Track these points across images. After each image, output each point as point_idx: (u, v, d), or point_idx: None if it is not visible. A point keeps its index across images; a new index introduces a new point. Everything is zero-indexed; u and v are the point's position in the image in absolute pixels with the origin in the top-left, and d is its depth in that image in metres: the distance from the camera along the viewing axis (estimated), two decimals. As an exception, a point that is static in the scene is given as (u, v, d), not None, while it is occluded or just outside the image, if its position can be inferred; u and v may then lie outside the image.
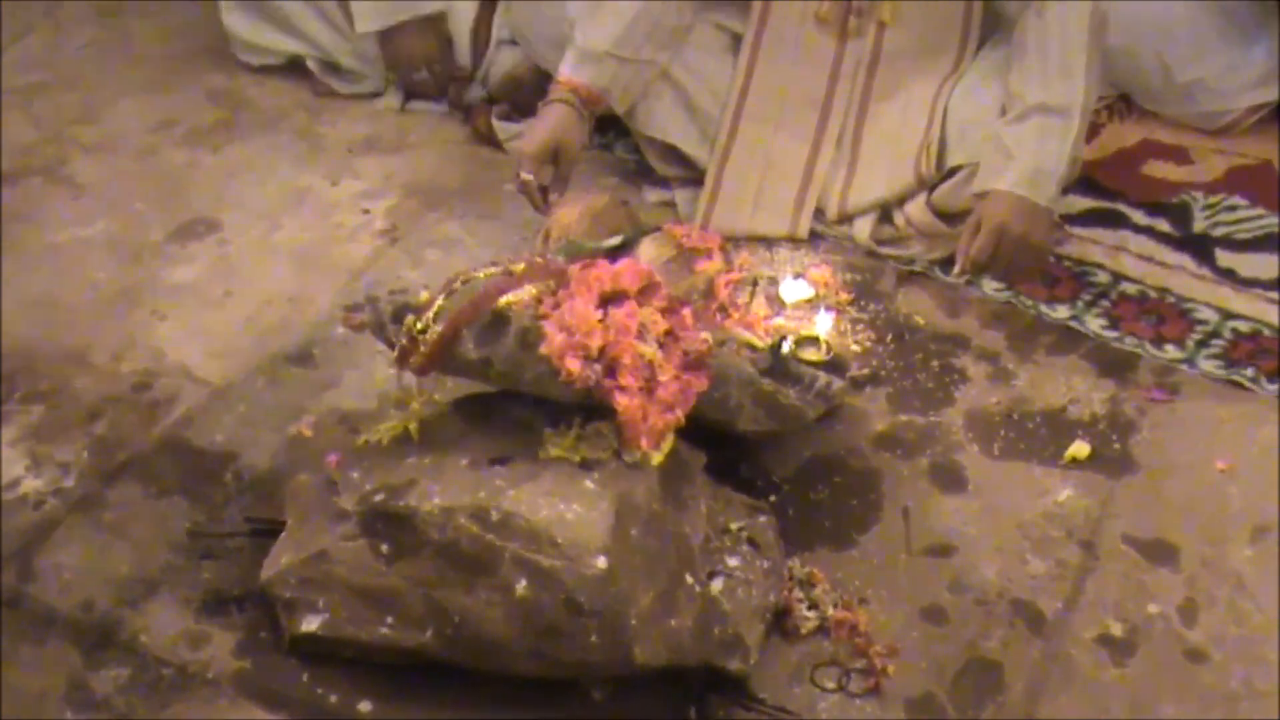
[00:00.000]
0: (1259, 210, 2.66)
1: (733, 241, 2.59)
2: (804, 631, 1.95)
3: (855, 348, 2.41)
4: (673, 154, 2.72)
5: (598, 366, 1.87)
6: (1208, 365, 2.37)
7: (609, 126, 2.79)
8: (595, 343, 1.87)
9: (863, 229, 2.62)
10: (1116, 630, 1.97)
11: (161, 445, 2.22)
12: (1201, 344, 2.41)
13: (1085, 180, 2.65)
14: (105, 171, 2.81)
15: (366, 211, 2.72)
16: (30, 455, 2.19)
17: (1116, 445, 2.23)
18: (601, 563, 1.77)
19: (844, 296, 2.50)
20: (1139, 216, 2.66)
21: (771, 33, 2.66)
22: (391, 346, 1.96)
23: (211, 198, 2.75)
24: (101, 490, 2.13)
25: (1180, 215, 2.66)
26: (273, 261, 2.60)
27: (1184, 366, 2.38)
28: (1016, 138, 2.39)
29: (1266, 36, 2.84)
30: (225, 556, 2.03)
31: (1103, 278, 2.55)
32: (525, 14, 2.92)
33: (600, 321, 1.89)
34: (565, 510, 1.82)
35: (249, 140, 2.91)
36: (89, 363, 2.36)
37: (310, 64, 3.05)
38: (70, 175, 2.80)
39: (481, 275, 2.01)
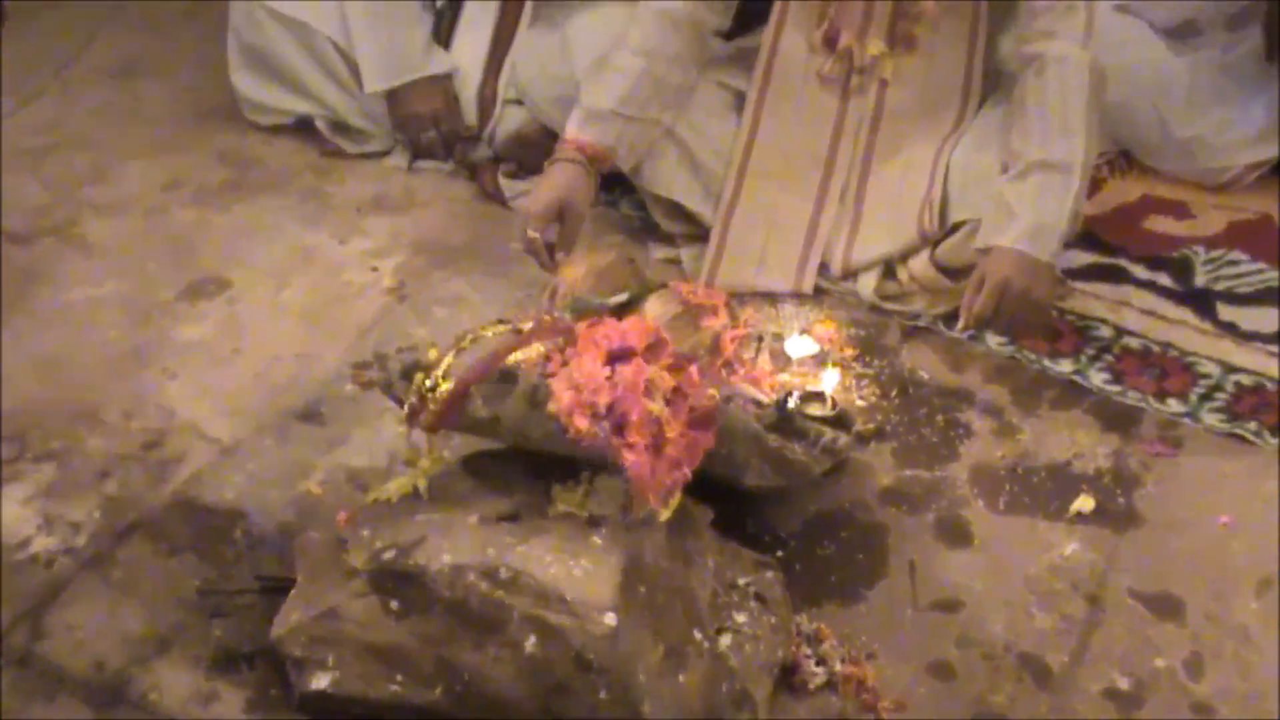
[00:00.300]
0: (1260, 264, 2.68)
1: (738, 297, 2.61)
2: (812, 687, 1.96)
3: (860, 403, 2.42)
4: (678, 211, 2.75)
5: (605, 424, 1.89)
6: (1211, 419, 2.39)
7: (614, 184, 2.82)
8: (603, 400, 1.89)
9: (867, 284, 2.64)
10: (1123, 684, 1.98)
11: (172, 503, 2.23)
12: (1204, 398, 2.43)
13: (1087, 235, 2.68)
14: (115, 231, 2.83)
15: (374, 269, 2.74)
16: (41, 514, 2.20)
17: (1121, 499, 2.25)
18: (610, 620, 1.78)
19: (849, 352, 2.52)
20: (1141, 271, 2.69)
21: (775, 91, 2.69)
22: (400, 404, 1.97)
23: (221, 257, 2.77)
24: (112, 549, 2.14)
25: (1182, 270, 2.68)
26: (281, 320, 2.62)
27: (1187, 420, 2.39)
28: (1018, 194, 2.41)
29: (1265, 94, 2.86)
30: (235, 614, 2.03)
31: (1105, 332, 2.57)
32: (531, 74, 2.95)
33: (608, 379, 1.91)
34: (574, 567, 1.83)
35: (258, 200, 2.93)
36: (100, 421, 2.38)
37: (318, 124, 3.08)
38: (81, 235, 2.82)
39: (490, 333, 2.03)
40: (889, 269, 2.65)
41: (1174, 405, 2.42)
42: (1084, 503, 2.23)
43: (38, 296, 2.66)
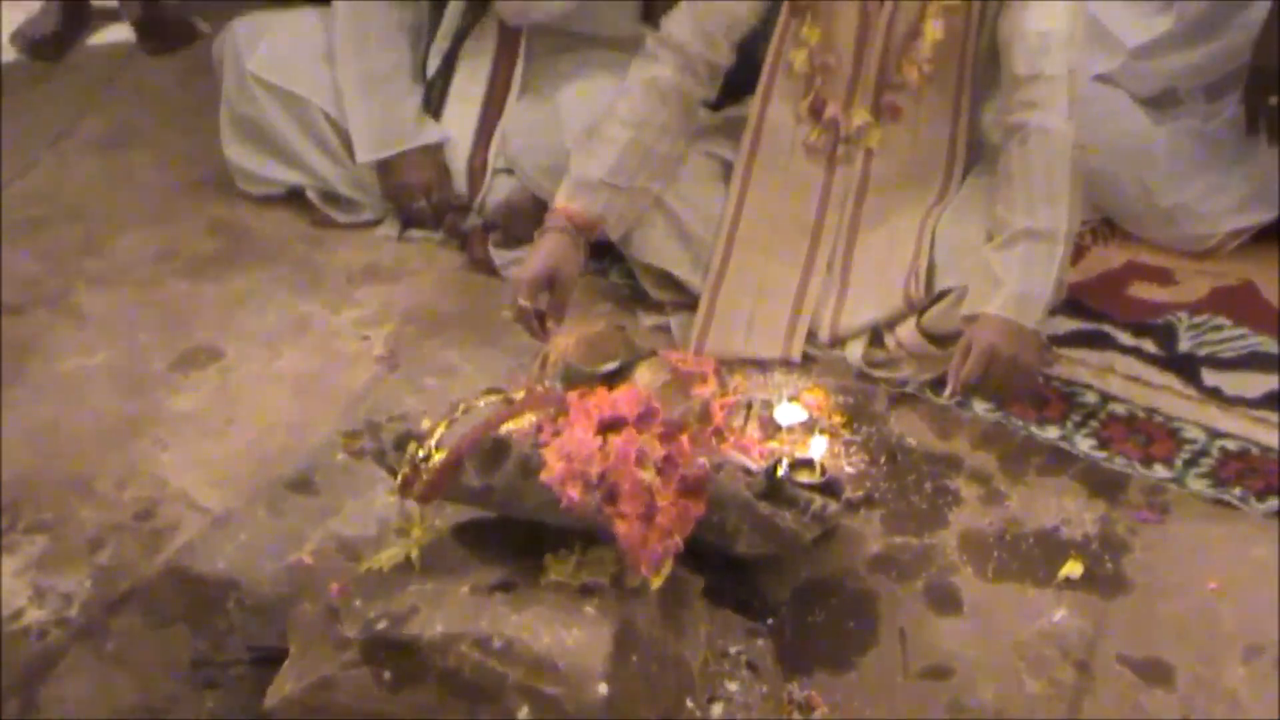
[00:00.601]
0: (1243, 330, 2.71)
1: (727, 365, 2.62)
2: (804, 755, 1.97)
3: (849, 469, 2.44)
4: (667, 279, 2.77)
5: (597, 493, 1.90)
6: (1197, 485, 2.40)
7: (604, 252, 2.84)
8: (595, 470, 1.90)
9: (855, 351, 2.66)
10: (1114, 751, 1.99)
11: (164, 574, 2.23)
12: (1190, 463, 2.44)
13: (1071, 302, 2.70)
14: (109, 302, 2.85)
15: (366, 338, 2.76)
16: (33, 586, 2.21)
17: (1109, 565, 2.26)
18: (603, 689, 1.78)
19: (837, 418, 2.54)
20: (1125, 337, 2.71)
21: (762, 161, 2.73)
22: (393, 474, 1.98)
23: (213, 327, 2.79)
24: (104, 620, 2.15)
25: (1166, 335, 2.70)
26: (274, 389, 2.64)
27: (1173, 486, 2.41)
28: (1004, 263, 2.44)
29: (1245, 162, 2.90)
30: (228, 685, 2.04)
31: (1091, 398, 2.59)
32: (521, 143, 2.98)
33: (600, 449, 1.92)
34: (566, 636, 1.83)
35: (250, 270, 2.96)
36: (92, 492, 2.39)
37: (310, 194, 3.11)
38: (74, 306, 2.84)
39: (482, 403, 2.04)
40: (876, 336, 2.67)
41: (1160, 471, 2.43)
42: (1072, 568, 2.24)
43: (31, 367, 2.67)
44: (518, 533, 2.00)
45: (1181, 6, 2.91)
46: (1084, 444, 2.49)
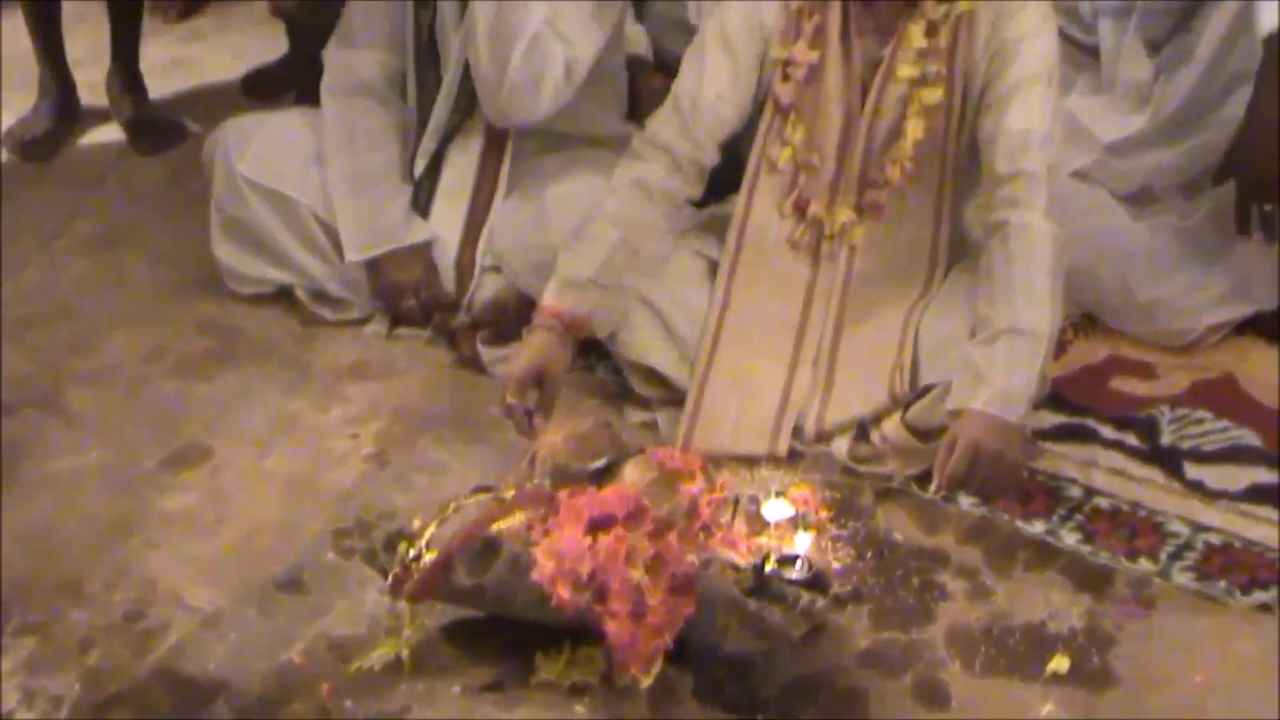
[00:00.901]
0: (1224, 423, 2.74)
1: (714, 461, 2.64)
2: None
3: (836, 565, 2.45)
4: (653, 376, 2.79)
5: (587, 592, 1.92)
6: (1182, 578, 2.42)
7: (591, 349, 2.86)
8: (585, 569, 1.92)
9: (840, 447, 2.68)
10: (1104, 847, 1.99)
11: (153, 675, 2.23)
12: (1174, 557, 2.46)
13: (1054, 396, 2.72)
14: (99, 402, 2.87)
15: (355, 436, 2.78)
16: (23, 689, 2.20)
17: (1096, 660, 2.27)
18: (594, 789, 1.79)
19: (824, 514, 2.55)
20: (1108, 431, 2.74)
21: (747, 259, 2.76)
22: (384, 574, 2.00)
23: (203, 426, 2.80)
24: (95, 722, 2.15)
25: (1148, 429, 2.73)
26: (263, 488, 2.65)
27: (1159, 579, 2.42)
28: (987, 359, 2.47)
29: (1224, 257, 2.93)
30: (219, 787, 2.04)
31: (1076, 492, 2.61)
32: (508, 242, 3.01)
33: (589, 548, 1.94)
34: (557, 737, 1.84)
35: (239, 369, 2.97)
36: (82, 593, 2.39)
37: (299, 292, 3.13)
38: (65, 406, 2.85)
39: (472, 502, 2.06)
40: (862, 431, 2.69)
41: (1145, 564, 2.45)
42: (1059, 663, 2.25)
43: (21, 467, 2.68)
44: (508, 632, 2.02)
45: (1157, 104, 2.96)
46: (1069, 538, 2.51)
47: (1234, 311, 2.94)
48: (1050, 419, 2.74)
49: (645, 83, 3.34)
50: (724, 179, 2.83)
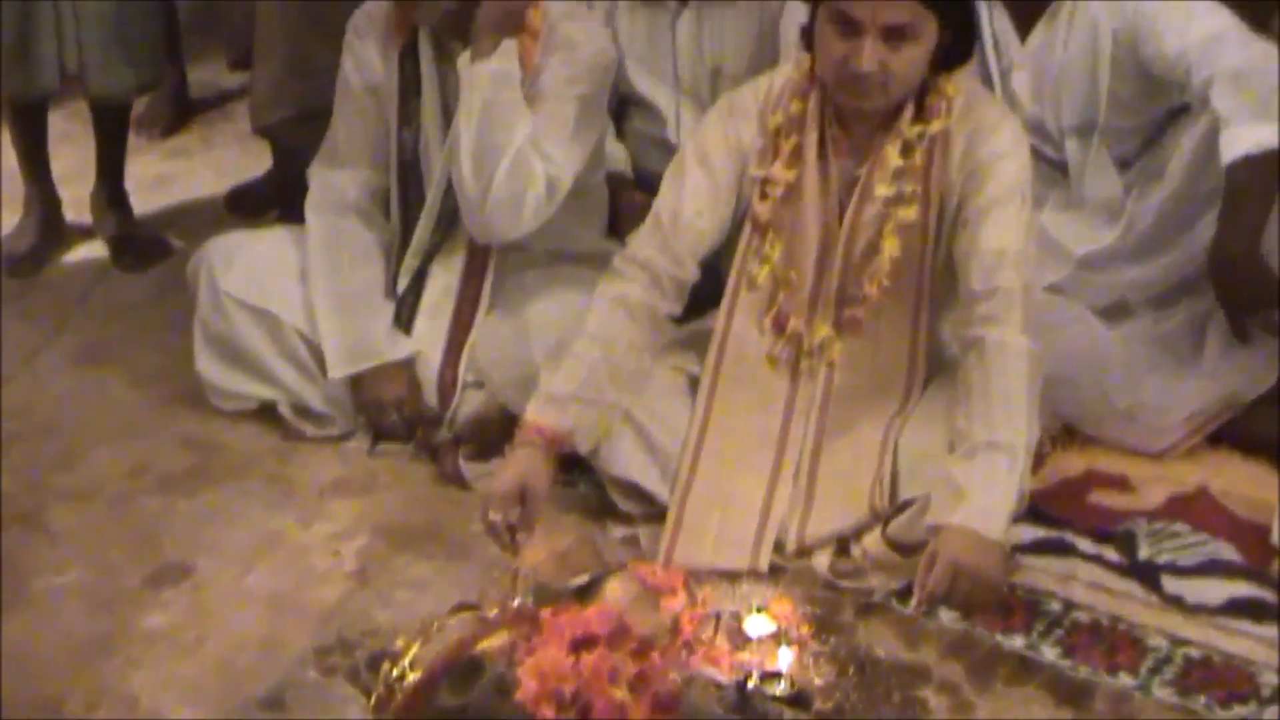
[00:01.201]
0: (1201, 535, 2.76)
1: (696, 576, 2.65)
2: None
3: (818, 681, 2.45)
4: (635, 491, 2.81)
5: (571, 712, 1.92)
6: (1162, 692, 2.42)
7: (572, 464, 2.87)
8: (568, 688, 1.93)
9: (821, 561, 2.69)
10: None
11: (134, 796, 2.23)
12: (1154, 671, 2.47)
13: (1033, 509, 2.73)
14: (80, 519, 2.87)
15: (337, 554, 2.78)
16: (1, 814, 2.20)
17: (1079, 775, 2.28)
18: None
19: (805, 629, 2.55)
20: (1087, 545, 2.75)
21: (727, 374, 2.79)
22: (367, 694, 2.00)
23: (185, 543, 2.80)
24: (74, 847, 2.14)
25: (1126, 543, 2.75)
26: (245, 606, 2.64)
27: (1139, 694, 2.43)
28: (966, 475, 2.49)
29: (1198, 359, 2.98)
30: None
31: (1055, 606, 2.62)
32: (491, 357, 3.04)
33: (573, 667, 1.94)
34: None
35: (221, 485, 2.98)
36: (63, 713, 2.38)
37: (281, 408, 3.14)
38: (47, 524, 2.86)
39: (455, 621, 2.07)
40: (843, 546, 2.70)
41: (1125, 679, 2.46)
42: (1042, 779, 2.26)
43: (2, 586, 2.67)
44: (491, 751, 2.01)
45: (1130, 221, 3.02)
46: (1050, 652, 2.52)
47: (1210, 412, 2.96)
48: (1029, 533, 2.75)
49: (625, 199, 3.39)
50: (704, 294, 2.87)
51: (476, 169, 2.90)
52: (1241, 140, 2.76)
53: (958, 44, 2.64)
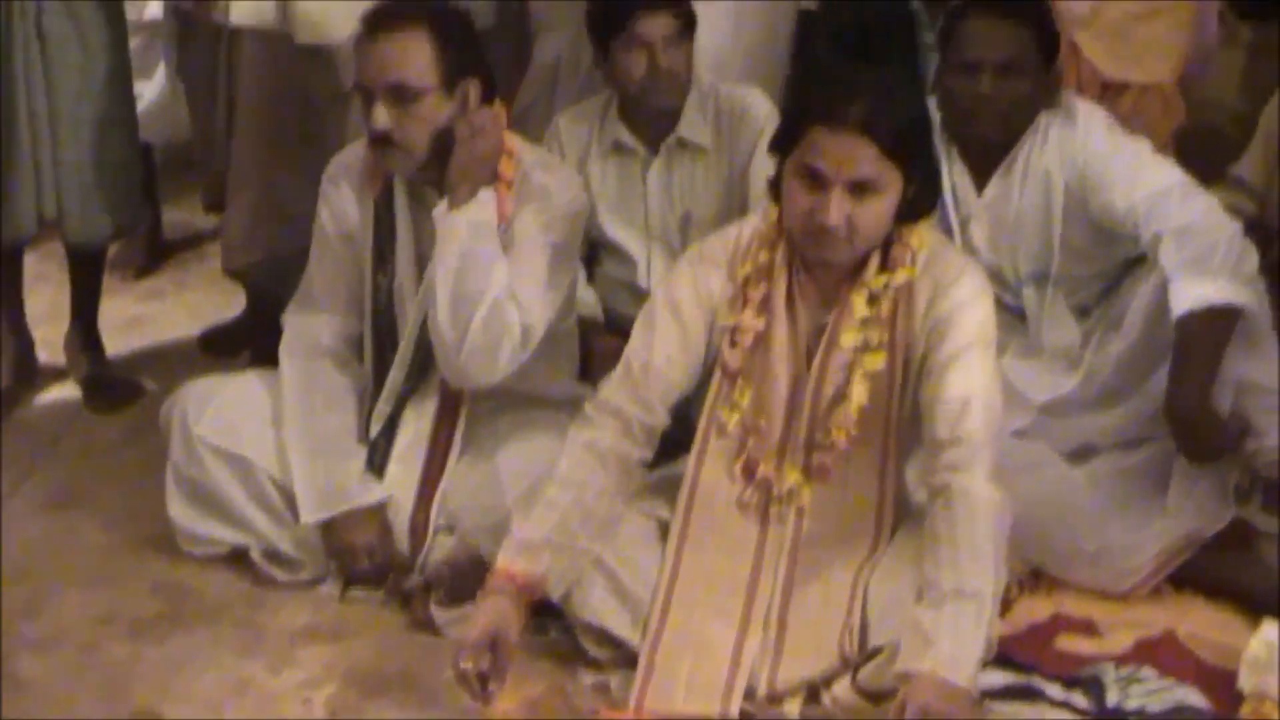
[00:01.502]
0: (1168, 681, 2.77)
1: (668, 723, 2.66)
2: None
3: (791, 831, 2.45)
4: (606, 637, 2.81)
5: None
6: (1135, 842, 2.44)
7: (543, 610, 2.87)
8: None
9: (792, 708, 2.70)
10: None
11: None
12: (1126, 818, 2.48)
13: (1001, 655, 2.74)
14: (48, 668, 2.84)
15: (307, 701, 2.77)
16: None
17: None
18: None
19: (777, 777, 2.56)
20: (1055, 690, 2.76)
21: (697, 521, 2.81)
22: None
23: (154, 691, 2.78)
24: None
25: (1094, 688, 2.76)
26: (214, 758, 2.64)
27: (1111, 843, 2.44)
28: (934, 622, 2.50)
29: (1162, 495, 3.02)
30: None
31: (1025, 753, 2.64)
32: (462, 502, 3.06)
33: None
34: None
35: (191, 631, 2.97)
36: None
37: (252, 553, 3.14)
38: (13, 672, 2.83)
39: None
40: (813, 693, 2.71)
41: (1097, 828, 2.47)
42: None
43: (-32, 736, 2.66)
44: None
45: (1090, 370, 3.08)
46: (1020, 801, 2.53)
47: (1174, 538, 2.98)
48: (997, 679, 2.76)
49: (597, 343, 3.44)
50: (674, 438, 2.89)
51: (453, 317, 2.94)
52: (1188, 296, 2.84)
53: (921, 197, 2.71)
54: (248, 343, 4.00)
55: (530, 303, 2.99)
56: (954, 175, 3.18)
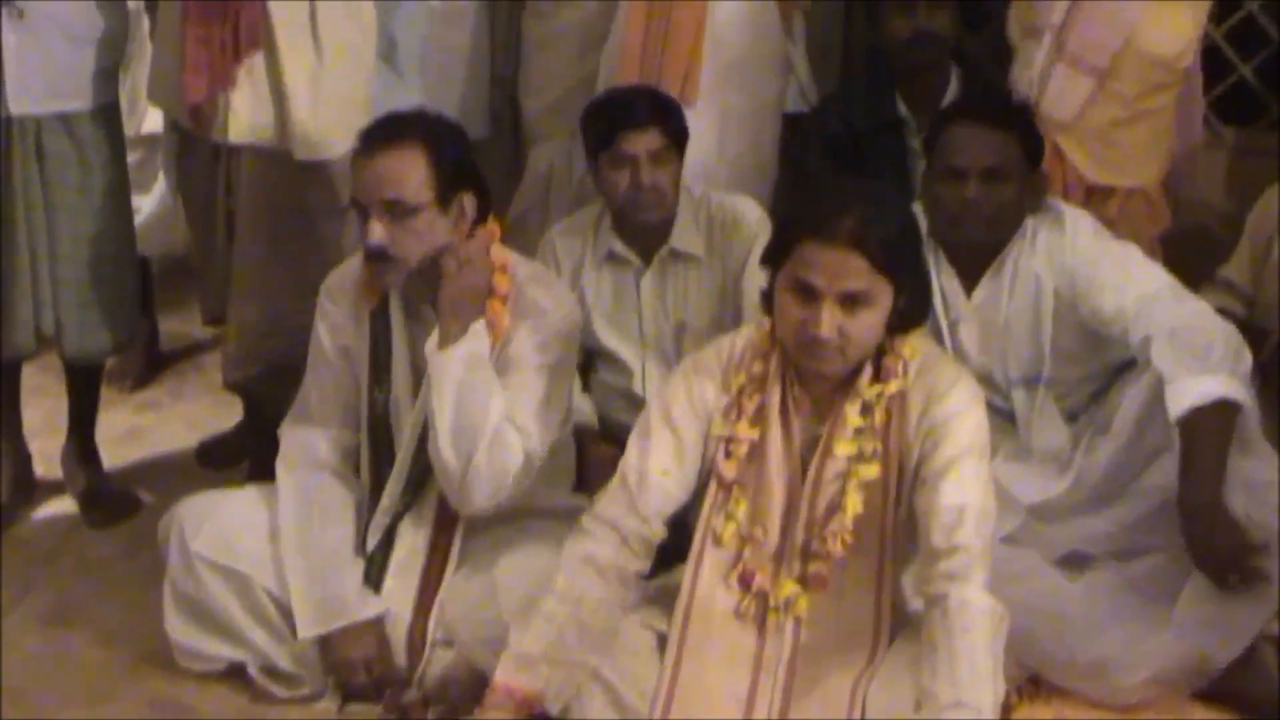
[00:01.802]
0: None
1: (667, 838, 2.64)
2: None
3: None
4: (606, 747, 2.81)
5: None
6: None
7: (542, 721, 2.88)
8: None
9: (793, 819, 2.69)
10: None
11: None
12: None
13: (1004, 763, 2.75)
14: (45, 790, 2.85)
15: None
16: None
17: None
18: None
19: None
20: (1059, 801, 2.76)
21: (695, 632, 2.80)
22: None
23: (151, 815, 2.78)
24: None
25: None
26: None
27: None
28: (936, 735, 2.51)
29: (1161, 608, 2.99)
30: None
31: None
32: (459, 615, 3.06)
33: None
34: None
35: (189, 749, 2.97)
36: None
37: (250, 669, 3.13)
38: (9, 799, 2.83)
39: None
40: (814, 804, 2.70)
41: None
42: None
43: None
44: None
45: (1079, 473, 3.09)
46: None
47: (1177, 658, 2.94)
48: (1003, 789, 2.76)
49: (593, 452, 3.46)
50: (671, 547, 2.90)
51: (455, 450, 2.96)
52: (1186, 394, 2.85)
53: (912, 307, 2.73)
54: (246, 453, 4.01)
55: (531, 428, 3.02)
56: (942, 278, 3.21)
